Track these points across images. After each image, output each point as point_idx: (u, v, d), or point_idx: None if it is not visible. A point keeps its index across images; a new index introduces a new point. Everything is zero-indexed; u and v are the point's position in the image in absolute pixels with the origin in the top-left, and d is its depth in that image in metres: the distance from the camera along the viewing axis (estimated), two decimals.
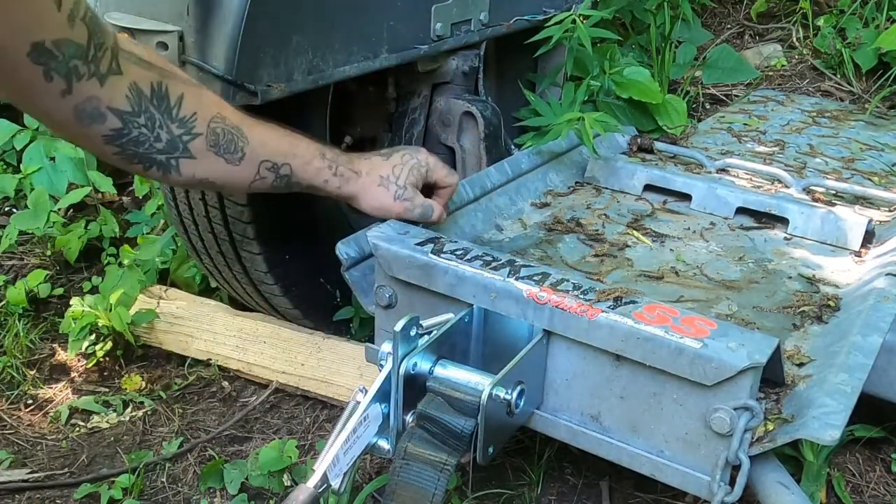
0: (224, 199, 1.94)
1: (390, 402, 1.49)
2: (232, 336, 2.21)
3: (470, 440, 1.45)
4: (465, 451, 1.46)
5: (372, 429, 1.48)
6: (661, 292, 1.84)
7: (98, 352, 2.25)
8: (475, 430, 1.45)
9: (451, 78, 2.30)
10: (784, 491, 1.42)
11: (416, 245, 1.68)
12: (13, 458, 1.95)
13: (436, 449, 1.44)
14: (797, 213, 2.16)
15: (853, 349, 1.54)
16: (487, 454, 1.47)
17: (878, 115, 3.31)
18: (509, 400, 1.47)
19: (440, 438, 1.45)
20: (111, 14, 1.69)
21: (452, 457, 1.44)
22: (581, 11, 2.45)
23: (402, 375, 1.46)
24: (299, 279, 2.09)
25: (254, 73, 1.67)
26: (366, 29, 1.90)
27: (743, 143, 2.85)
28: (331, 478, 1.39)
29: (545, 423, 1.62)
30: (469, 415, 1.45)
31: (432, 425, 1.46)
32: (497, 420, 1.47)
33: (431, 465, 1.43)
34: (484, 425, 1.43)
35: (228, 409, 2.12)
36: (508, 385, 1.47)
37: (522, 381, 1.50)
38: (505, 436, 1.57)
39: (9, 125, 2.69)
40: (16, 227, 2.55)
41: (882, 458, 1.90)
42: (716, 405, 1.40)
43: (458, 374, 1.50)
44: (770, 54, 3.85)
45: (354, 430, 1.43)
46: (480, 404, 1.42)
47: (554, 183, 2.36)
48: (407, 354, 1.47)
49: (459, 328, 1.59)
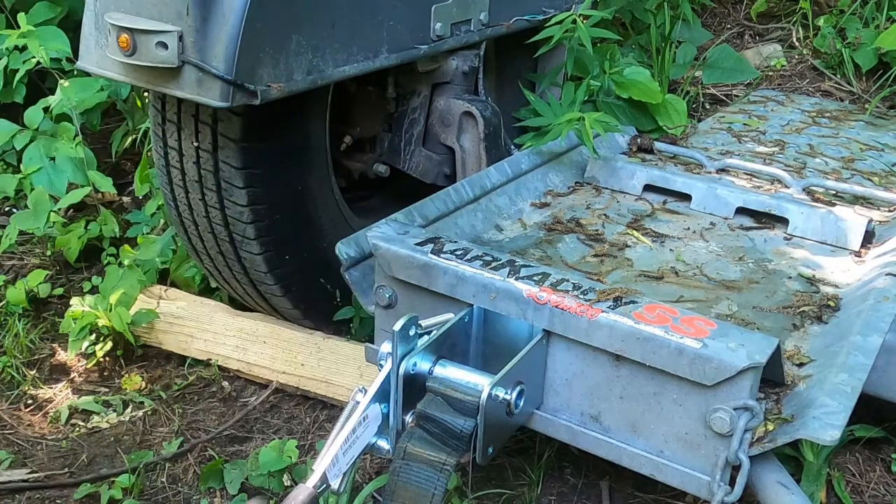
0: (224, 199, 1.94)
1: (390, 402, 1.49)
2: (232, 336, 2.21)
3: (469, 440, 1.45)
4: (465, 451, 1.46)
5: (371, 429, 1.48)
6: (661, 292, 1.84)
7: (98, 352, 2.25)
8: (474, 430, 1.45)
9: (451, 78, 2.30)
10: (784, 491, 1.42)
11: (416, 245, 1.68)
12: (13, 458, 1.95)
13: (435, 449, 1.44)
14: (797, 213, 2.16)
15: (853, 349, 1.54)
16: (487, 454, 1.48)
17: (878, 115, 3.31)
18: (509, 400, 1.47)
19: (440, 438, 1.45)
20: (111, 14, 1.69)
21: (452, 457, 1.44)
22: (581, 11, 2.45)
23: (401, 375, 1.46)
24: (299, 279, 2.09)
25: (254, 73, 1.67)
26: (366, 29, 1.90)
27: (743, 143, 2.85)
28: (330, 478, 1.39)
29: (545, 424, 1.62)
30: (468, 415, 1.45)
31: (432, 425, 1.46)
32: (496, 420, 1.47)
33: (431, 465, 1.43)
34: (483, 425, 1.44)
35: (228, 409, 2.12)
36: (508, 385, 1.47)
37: (522, 382, 1.50)
38: (504, 436, 1.57)
39: (9, 125, 2.69)
40: (16, 227, 2.55)
41: (882, 458, 1.90)
42: (716, 405, 1.40)
43: (458, 374, 1.50)
44: (770, 54, 3.85)
45: (354, 431, 1.43)
46: (480, 404, 1.42)
47: (554, 183, 2.36)
48: (406, 354, 1.47)
49: (459, 328, 1.59)
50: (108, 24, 1.69)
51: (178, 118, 1.91)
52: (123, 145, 2.97)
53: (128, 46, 1.66)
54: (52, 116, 2.69)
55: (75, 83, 2.65)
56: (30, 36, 2.57)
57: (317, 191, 2.06)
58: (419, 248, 1.67)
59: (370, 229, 1.76)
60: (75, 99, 2.61)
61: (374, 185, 2.49)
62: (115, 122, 3.17)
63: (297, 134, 1.98)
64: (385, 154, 2.38)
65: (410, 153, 2.35)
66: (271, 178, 1.94)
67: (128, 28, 1.65)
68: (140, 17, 1.66)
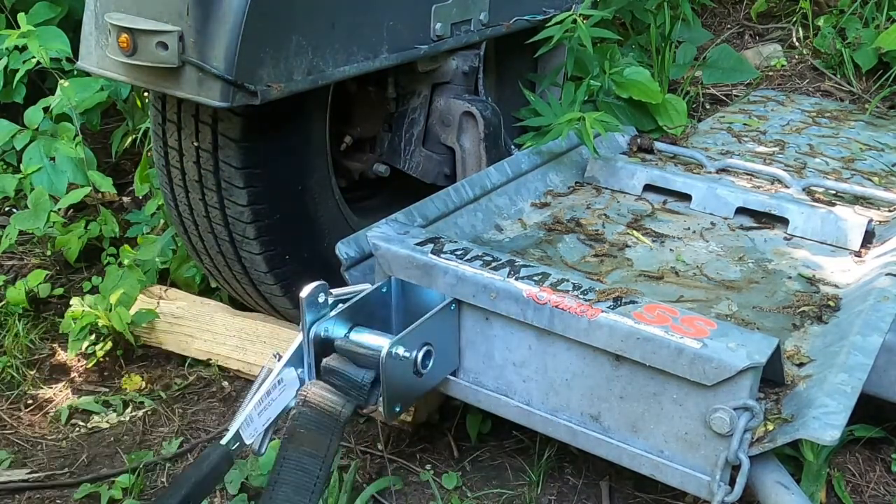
0: (224, 199, 1.94)
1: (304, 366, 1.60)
2: (232, 336, 2.21)
3: (368, 391, 1.55)
4: (364, 401, 1.56)
5: (289, 392, 1.58)
6: (661, 292, 1.84)
7: (98, 352, 2.25)
8: (375, 381, 1.54)
9: (451, 78, 2.30)
10: (784, 491, 1.42)
11: (416, 245, 1.68)
12: (13, 458, 1.95)
13: (334, 397, 1.55)
14: (797, 213, 2.16)
15: (853, 349, 1.54)
16: (394, 412, 1.58)
17: (878, 115, 3.31)
18: (411, 359, 1.55)
19: (342, 390, 1.56)
20: (111, 14, 1.69)
21: (349, 404, 1.55)
22: (581, 11, 2.45)
23: (311, 340, 1.57)
24: (299, 279, 2.09)
25: (254, 73, 1.67)
26: (366, 29, 1.90)
27: (743, 143, 2.85)
28: (245, 437, 1.51)
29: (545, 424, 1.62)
30: (370, 368, 1.55)
31: (334, 377, 1.56)
32: (401, 378, 1.56)
33: (328, 411, 1.54)
34: (386, 382, 1.52)
35: (228, 409, 2.12)
36: (412, 346, 1.55)
37: (430, 343, 1.58)
38: (413, 395, 1.65)
39: (9, 125, 2.69)
40: (16, 227, 2.55)
41: (882, 458, 1.90)
42: (716, 405, 1.40)
43: (369, 339, 1.60)
44: (770, 54, 3.84)
45: (269, 393, 1.54)
46: (380, 360, 1.51)
47: (554, 183, 2.36)
48: (316, 320, 1.57)
49: (376, 298, 1.68)
50: (109, 24, 1.69)
51: (178, 118, 1.91)
52: (123, 145, 2.97)
53: (128, 46, 1.66)
54: (52, 116, 2.69)
55: (75, 83, 2.65)
56: (30, 36, 2.57)
57: (317, 191, 2.06)
58: (419, 248, 1.67)
59: (370, 229, 1.76)
60: (75, 99, 2.61)
61: (374, 185, 2.49)
62: (115, 122, 3.18)
63: (298, 134, 1.98)
64: (385, 154, 2.39)
65: (410, 153, 2.35)
66: (271, 178, 1.94)
67: (128, 28, 1.65)
68: (140, 17, 1.66)
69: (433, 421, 1.99)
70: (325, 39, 1.80)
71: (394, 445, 1.93)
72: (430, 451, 1.92)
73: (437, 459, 1.90)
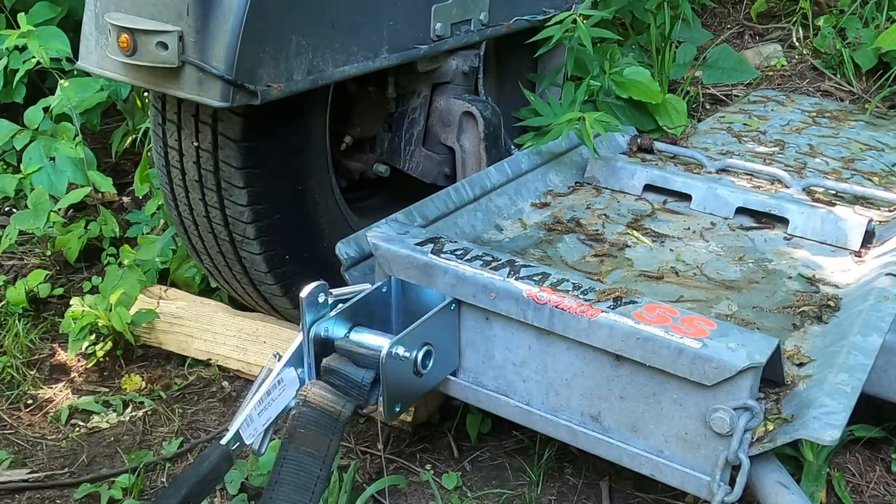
0: (224, 199, 1.94)
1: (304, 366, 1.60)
2: (232, 336, 2.21)
3: (369, 391, 1.55)
4: (364, 401, 1.56)
5: (289, 392, 1.58)
6: (661, 292, 1.84)
7: (98, 352, 2.25)
8: (375, 381, 1.54)
9: (451, 78, 2.30)
10: (784, 491, 1.42)
11: (416, 245, 1.68)
12: (13, 458, 1.95)
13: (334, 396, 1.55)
14: (797, 213, 2.16)
15: (853, 349, 1.54)
16: (394, 412, 1.57)
17: (878, 115, 3.31)
18: (411, 358, 1.55)
19: (342, 390, 1.56)
20: (111, 14, 1.69)
21: (349, 404, 1.55)
22: (581, 11, 2.45)
23: (311, 340, 1.57)
24: (299, 279, 2.09)
25: (254, 73, 1.67)
26: (366, 29, 1.90)
27: (743, 143, 2.85)
28: (245, 437, 1.51)
29: (545, 424, 1.62)
30: (369, 368, 1.55)
31: (335, 377, 1.56)
32: (401, 378, 1.56)
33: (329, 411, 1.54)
34: (385, 382, 1.52)
35: (228, 409, 2.12)
36: (412, 346, 1.55)
37: (430, 343, 1.58)
38: (413, 396, 1.65)
39: (9, 125, 2.69)
40: (16, 227, 2.55)
41: (882, 458, 1.90)
42: (716, 405, 1.40)
43: (369, 339, 1.60)
44: (770, 54, 3.84)
45: (269, 393, 1.54)
46: (380, 360, 1.51)
47: (554, 183, 2.36)
48: (316, 320, 1.57)
49: (376, 298, 1.68)
50: (109, 24, 1.69)
51: (178, 118, 1.91)
52: (123, 145, 2.97)
53: (128, 46, 1.66)
54: (52, 116, 2.69)
55: (75, 83, 2.65)
56: (30, 36, 2.57)
57: (317, 191, 2.06)
58: (419, 248, 1.67)
59: (370, 229, 1.76)
60: (75, 99, 2.61)
61: (374, 185, 2.49)
62: (115, 122, 3.18)
63: (298, 134, 1.98)
64: (385, 154, 2.39)
65: (410, 153, 2.35)
66: (271, 178, 1.94)
67: (128, 28, 1.65)
68: (140, 17, 1.66)
69: (433, 421, 1.99)
70: (325, 39, 1.80)
71: (394, 445, 1.93)
72: (430, 451, 1.93)
73: (437, 459, 1.90)
